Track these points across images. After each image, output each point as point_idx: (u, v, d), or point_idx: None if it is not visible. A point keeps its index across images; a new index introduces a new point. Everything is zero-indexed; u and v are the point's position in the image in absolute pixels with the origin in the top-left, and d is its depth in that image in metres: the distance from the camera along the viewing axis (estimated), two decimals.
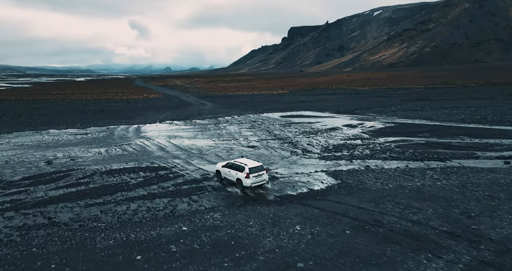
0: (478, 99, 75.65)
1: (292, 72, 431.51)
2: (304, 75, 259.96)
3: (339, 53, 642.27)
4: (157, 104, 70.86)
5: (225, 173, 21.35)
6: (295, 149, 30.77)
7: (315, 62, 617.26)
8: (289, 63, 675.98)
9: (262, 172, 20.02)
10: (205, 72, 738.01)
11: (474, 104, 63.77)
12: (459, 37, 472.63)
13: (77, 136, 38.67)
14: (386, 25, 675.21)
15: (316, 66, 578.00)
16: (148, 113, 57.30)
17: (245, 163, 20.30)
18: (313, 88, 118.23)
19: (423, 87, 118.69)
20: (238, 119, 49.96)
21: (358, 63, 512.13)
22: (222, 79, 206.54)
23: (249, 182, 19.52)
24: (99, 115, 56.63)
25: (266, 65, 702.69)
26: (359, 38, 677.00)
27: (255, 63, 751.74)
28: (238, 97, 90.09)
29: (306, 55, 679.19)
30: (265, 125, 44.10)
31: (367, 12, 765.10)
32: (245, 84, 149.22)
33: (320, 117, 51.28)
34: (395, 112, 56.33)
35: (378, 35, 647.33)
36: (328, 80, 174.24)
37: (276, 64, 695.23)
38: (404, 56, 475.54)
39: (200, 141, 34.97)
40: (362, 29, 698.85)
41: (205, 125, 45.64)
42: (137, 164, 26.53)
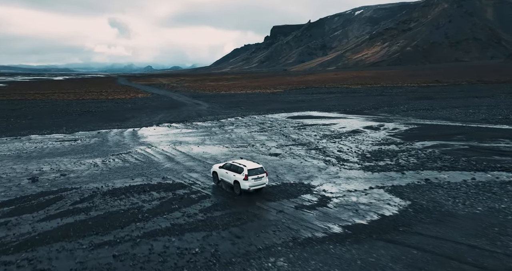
0: (480, 97, 73.49)
1: (276, 71, 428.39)
2: (291, 73, 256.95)
3: (322, 52, 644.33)
4: (149, 105, 65.26)
5: (222, 174, 19.88)
6: (327, 157, 26.40)
7: (298, 61, 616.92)
8: (272, 62, 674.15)
9: (262, 174, 18.65)
10: (187, 71, 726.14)
11: (483, 103, 61.15)
12: (439, 37, 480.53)
13: (64, 143, 33.13)
14: (367, 25, 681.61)
15: (300, 65, 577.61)
16: (141, 115, 51.85)
17: (244, 164, 18.97)
18: (307, 87, 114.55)
19: (416, 85, 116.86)
20: (244, 121, 45.28)
21: (342, 62, 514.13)
22: (209, 78, 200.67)
23: (248, 184, 18.22)
24: (86, 117, 50.78)
25: (249, 64, 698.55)
26: (341, 37, 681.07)
27: (238, 62, 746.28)
28: (232, 96, 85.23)
29: (289, 54, 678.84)
30: (277, 128, 39.61)
31: (349, 11, 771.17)
32: (234, 83, 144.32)
33: (331, 118, 47.18)
34: (406, 112, 52.91)
35: (360, 34, 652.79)
36: (317, 79, 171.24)
37: (259, 63, 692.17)
38: (386, 55, 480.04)
39: (211, 148, 30.15)
40: (344, 28, 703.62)
41: (209, 128, 40.77)
42: (145, 180, 21.57)
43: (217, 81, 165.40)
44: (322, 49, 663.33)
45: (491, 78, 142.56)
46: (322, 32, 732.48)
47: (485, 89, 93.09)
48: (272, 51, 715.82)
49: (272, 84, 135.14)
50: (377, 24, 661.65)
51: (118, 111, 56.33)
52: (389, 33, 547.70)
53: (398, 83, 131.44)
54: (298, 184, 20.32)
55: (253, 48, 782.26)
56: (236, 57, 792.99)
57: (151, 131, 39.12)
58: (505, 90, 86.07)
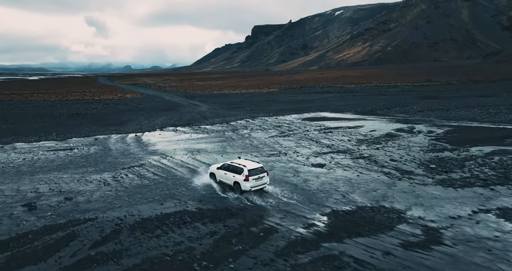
0: (486, 97, 71.67)
1: (258, 70, 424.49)
2: (277, 73, 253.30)
3: (303, 52, 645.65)
4: (143, 106, 59.61)
5: (221, 175, 19.31)
6: (383, 168, 22.30)
7: (280, 61, 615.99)
8: (254, 61, 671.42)
9: (263, 174, 18.25)
10: (168, 70, 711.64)
11: (495, 103, 58.87)
12: (418, 37, 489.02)
13: (58, 153, 27.67)
14: (347, 25, 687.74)
15: (282, 64, 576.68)
16: (139, 118, 46.40)
17: (243, 164, 18.44)
18: (301, 87, 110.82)
19: (410, 84, 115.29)
20: (257, 124, 40.72)
21: (324, 62, 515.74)
22: (194, 77, 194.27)
23: (249, 185, 17.74)
24: (77, 120, 44.90)
25: (231, 64, 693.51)
26: (322, 37, 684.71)
27: (220, 61, 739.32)
28: (228, 96, 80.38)
29: (271, 54, 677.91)
30: (299, 132, 35.31)
31: (329, 11, 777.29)
32: (223, 83, 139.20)
33: (350, 120, 43.26)
34: (423, 112, 49.76)
35: (340, 34, 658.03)
36: (305, 78, 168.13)
37: (241, 62, 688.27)
38: (368, 55, 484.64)
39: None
40: (325, 28, 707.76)
41: (222, 133, 36.02)
42: (178, 204, 16.78)
43: (204, 80, 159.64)
44: (304, 49, 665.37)
45: (479, 77, 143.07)
46: (303, 32, 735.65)
47: (482, 88, 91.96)
48: (254, 51, 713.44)
49: (263, 83, 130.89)
50: (357, 25, 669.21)
51: (111, 113, 50.59)
52: (370, 33, 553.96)
53: (390, 82, 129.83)
54: (378, 207, 16.04)
55: (234, 48, 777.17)
56: (217, 56, 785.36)
57: (157, 137, 34.03)
58: (503, 89, 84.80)
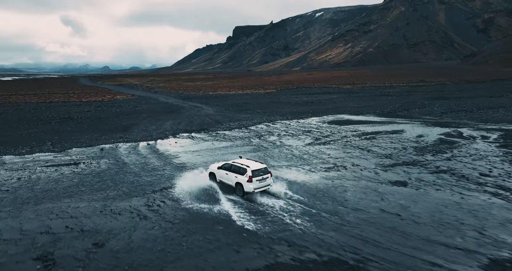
0: (496, 97, 69.69)
1: (240, 71, 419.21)
2: (263, 74, 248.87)
3: (285, 53, 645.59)
4: (141, 109, 53.56)
5: (222, 176, 18.51)
6: (482, 186, 17.99)
7: (262, 62, 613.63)
8: (235, 62, 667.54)
9: (267, 175, 17.39)
10: (148, 71, 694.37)
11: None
12: (398, 39, 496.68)
13: (62, 169, 21.98)
14: (328, 26, 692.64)
15: (264, 65, 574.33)
16: (142, 122, 40.61)
17: (246, 164, 17.54)
18: (297, 87, 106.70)
19: (406, 85, 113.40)
20: (281, 129, 35.92)
21: (306, 63, 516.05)
22: (181, 78, 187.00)
23: (252, 186, 16.79)
24: (71, 126, 38.70)
25: (212, 65, 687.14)
26: (303, 38, 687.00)
27: (201, 62, 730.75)
28: (226, 98, 75.11)
29: (253, 55, 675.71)
30: (336, 138, 30.79)
31: (309, 13, 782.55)
32: (215, 84, 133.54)
33: (381, 123, 39.15)
34: (448, 114, 46.43)
35: (321, 35, 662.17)
36: (295, 79, 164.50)
37: (222, 63, 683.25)
38: (350, 56, 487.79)
39: (290, 173, 20.65)
40: (306, 29, 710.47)
41: (247, 139, 31.05)
42: (271, 254, 11.78)
43: (192, 81, 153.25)
44: (285, 50, 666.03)
45: (470, 78, 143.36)
46: (284, 33, 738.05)
47: (481, 88, 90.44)
48: (235, 51, 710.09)
49: (255, 84, 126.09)
50: (338, 26, 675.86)
51: (108, 117, 44.52)
52: (351, 34, 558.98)
53: (385, 83, 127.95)
54: None
55: (215, 49, 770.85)
56: (199, 57, 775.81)
57: (175, 147, 28.68)
58: (505, 90, 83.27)
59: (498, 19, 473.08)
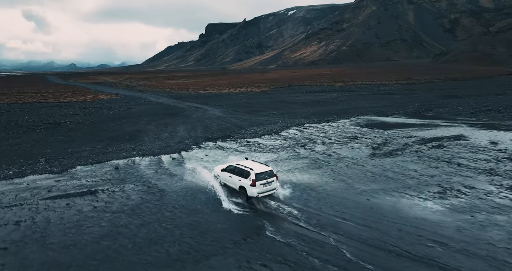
0: (501, 95, 67.90)
1: (214, 69, 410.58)
2: (242, 71, 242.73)
3: (259, 51, 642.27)
4: (136, 111, 46.43)
5: (225, 178, 17.31)
6: None
7: (236, 60, 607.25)
8: (209, 60, 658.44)
9: (272, 178, 16.01)
10: (118, 69, 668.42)
11: None
12: (371, 37, 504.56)
13: (76, 204, 15.54)
14: (300, 25, 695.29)
15: (238, 63, 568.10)
16: (149, 128, 33.93)
17: (250, 167, 16.19)
18: (289, 86, 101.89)
19: (396, 83, 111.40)
20: (319, 135, 30.61)
21: (281, 61, 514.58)
22: (159, 76, 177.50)
23: (255, 191, 15.57)
24: (61, 133, 31.48)
25: (185, 62, 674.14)
26: (276, 36, 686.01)
27: (173, 60, 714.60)
28: (222, 97, 68.92)
29: (226, 52, 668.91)
30: (400, 147, 25.91)
31: (282, 11, 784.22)
32: (198, 82, 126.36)
33: (426, 126, 34.74)
34: (480, 115, 42.93)
35: (295, 33, 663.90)
36: (280, 77, 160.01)
37: (195, 61, 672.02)
38: (324, 54, 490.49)
39: (410, 208, 15.33)
40: (279, 27, 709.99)
41: (290, 149, 25.52)
42: None
43: (174, 79, 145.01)
44: (259, 47, 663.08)
45: (454, 76, 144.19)
46: (258, 31, 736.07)
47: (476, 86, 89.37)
48: (208, 49, 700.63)
49: (242, 82, 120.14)
50: (310, 24, 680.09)
51: (103, 122, 37.37)
52: (325, 33, 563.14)
53: (374, 81, 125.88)
54: None
55: (188, 46, 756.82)
56: (171, 55, 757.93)
57: (208, 160, 22.72)
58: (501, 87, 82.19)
59: (462, 20, 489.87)
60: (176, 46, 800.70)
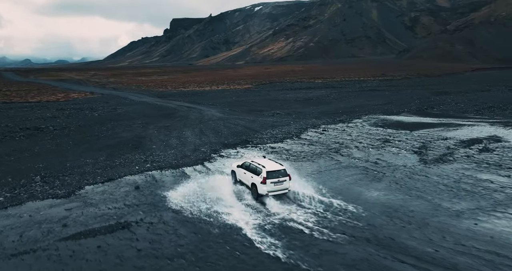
0: (487, 91, 68.86)
1: (181, 65, 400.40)
2: (213, 67, 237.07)
3: (225, 47, 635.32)
4: (123, 112, 41.30)
5: (240, 175, 17.24)
6: None
7: (203, 55, 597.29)
8: (174, 56, 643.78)
9: (284, 178, 15.64)
10: (78, 65, 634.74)
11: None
12: (337, 34, 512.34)
13: (110, 247, 11.54)
14: (267, 21, 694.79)
15: (205, 59, 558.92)
16: (149, 132, 29.47)
17: (263, 165, 15.99)
18: (271, 82, 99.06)
19: (373, 79, 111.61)
20: (345, 137, 27.79)
21: (249, 57, 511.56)
22: (127, 72, 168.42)
23: (266, 189, 15.34)
24: (47, 141, 26.41)
25: (150, 58, 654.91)
26: (243, 32, 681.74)
27: (137, 55, 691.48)
28: (208, 95, 64.73)
29: (192, 48, 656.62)
30: (445, 152, 23.58)
31: (248, 7, 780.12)
32: (172, 79, 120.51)
33: (445, 126, 33.08)
34: (486, 112, 42.22)
35: (261, 30, 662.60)
36: (254, 73, 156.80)
37: (161, 57, 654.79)
38: (292, 50, 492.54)
39: None
40: (245, 23, 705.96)
41: (326, 156, 22.52)
42: None
43: (146, 76, 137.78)
44: (226, 43, 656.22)
45: (426, 72, 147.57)
46: (224, 27, 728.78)
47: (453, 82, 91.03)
48: (174, 44, 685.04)
49: (220, 79, 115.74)
50: (277, 21, 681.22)
51: (92, 126, 32.34)
52: (292, 29, 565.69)
53: (351, 77, 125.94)
54: None
55: (152, 42, 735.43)
56: (134, 50, 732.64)
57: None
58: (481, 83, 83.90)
59: (422, 18, 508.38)
60: (140, 41, 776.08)
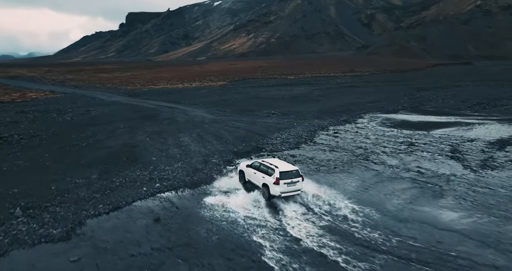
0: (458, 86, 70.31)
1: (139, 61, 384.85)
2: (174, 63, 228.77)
3: (185, 42, 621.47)
4: (99, 115, 35.87)
5: (250, 174, 16.91)
6: None
7: (162, 51, 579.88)
8: (132, 51, 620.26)
9: (297, 179, 15.35)
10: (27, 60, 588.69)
11: None
12: (297, 30, 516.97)
13: None
14: (227, 16, 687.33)
15: (164, 54, 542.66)
16: (137, 140, 24.98)
17: (275, 165, 15.81)
18: (244, 79, 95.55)
19: (344, 75, 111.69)
20: (364, 141, 25.34)
21: (211, 52, 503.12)
22: (85, 68, 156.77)
23: (279, 190, 15.09)
24: (16, 156, 21.09)
25: (106, 54, 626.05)
26: (203, 28, 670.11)
27: (91, 50, 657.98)
28: (184, 93, 60.13)
29: (150, 43, 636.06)
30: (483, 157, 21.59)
31: (207, 1, 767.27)
32: (137, 75, 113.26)
33: (457, 125, 31.54)
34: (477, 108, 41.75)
35: (221, 25, 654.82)
36: (221, 69, 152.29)
37: (117, 52, 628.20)
38: (253, 46, 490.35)
39: None
40: (205, 18, 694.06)
41: (360, 166, 19.90)
42: None
43: (106, 72, 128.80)
44: (185, 39, 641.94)
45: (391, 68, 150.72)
46: (183, 22, 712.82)
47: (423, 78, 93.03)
48: (131, 39, 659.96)
49: (189, 75, 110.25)
50: (237, 16, 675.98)
51: (67, 133, 27.11)
52: (253, 25, 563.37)
53: (321, 73, 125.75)
54: None
55: (107, 36, 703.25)
56: (88, 45, 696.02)
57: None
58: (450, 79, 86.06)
59: (377, 15, 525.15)
60: (94, 36, 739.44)
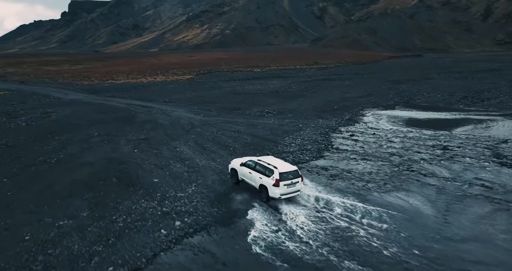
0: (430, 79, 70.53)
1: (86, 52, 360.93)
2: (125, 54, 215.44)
3: (135, 33, 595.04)
4: (60, 117, 29.21)
5: (244, 174, 15.43)
6: None
7: (110, 42, 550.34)
8: (77, 42, 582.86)
9: (297, 179, 14.26)
10: None
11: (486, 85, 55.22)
12: (252, 22, 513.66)
13: None
14: (179, 6, 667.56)
15: (114, 46, 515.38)
16: (123, 152, 19.47)
17: (274, 165, 14.42)
18: (210, 72, 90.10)
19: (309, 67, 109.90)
20: (392, 145, 22.20)
21: (163, 44, 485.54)
22: (27, 60, 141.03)
23: (278, 192, 13.86)
24: None
25: (47, 44, 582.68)
26: (154, 18, 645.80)
27: (30, 41, 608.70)
28: (151, 88, 53.93)
29: (97, 34, 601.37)
30: None
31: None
32: (89, 68, 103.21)
33: (473, 122, 29.52)
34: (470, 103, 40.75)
35: (173, 15, 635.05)
36: (180, 61, 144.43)
37: (60, 43, 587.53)
38: (208, 38, 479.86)
39: None
40: (156, 8, 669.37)
41: (410, 180, 16.40)
42: None
43: (53, 65, 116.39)
44: (135, 29, 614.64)
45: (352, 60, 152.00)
46: (132, 11, 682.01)
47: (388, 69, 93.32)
48: (75, 29, 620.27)
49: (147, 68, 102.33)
50: (189, 7, 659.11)
51: (27, 143, 20.81)
52: (206, 15, 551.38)
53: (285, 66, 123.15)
54: None
55: (48, 26, 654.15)
56: (26, 35, 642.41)
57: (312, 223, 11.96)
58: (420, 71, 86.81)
59: (329, 8, 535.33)
60: (33, 25, 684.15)
